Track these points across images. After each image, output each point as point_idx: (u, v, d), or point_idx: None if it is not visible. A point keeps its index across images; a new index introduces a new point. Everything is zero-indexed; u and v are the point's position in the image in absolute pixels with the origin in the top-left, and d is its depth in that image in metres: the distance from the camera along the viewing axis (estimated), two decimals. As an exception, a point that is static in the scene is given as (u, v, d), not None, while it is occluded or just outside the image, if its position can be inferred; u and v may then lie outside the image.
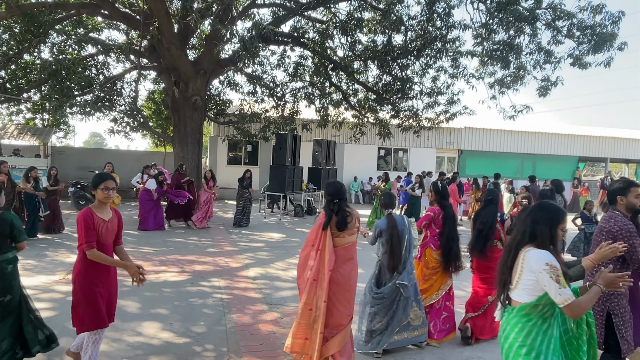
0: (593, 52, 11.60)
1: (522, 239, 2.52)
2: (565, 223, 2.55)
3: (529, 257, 2.42)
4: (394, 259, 4.19)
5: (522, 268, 2.45)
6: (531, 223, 2.51)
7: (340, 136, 20.13)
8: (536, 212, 2.56)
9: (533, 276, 2.38)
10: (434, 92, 14.29)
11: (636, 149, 25.64)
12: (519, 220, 2.66)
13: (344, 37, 13.47)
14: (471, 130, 22.89)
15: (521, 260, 2.47)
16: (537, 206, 2.64)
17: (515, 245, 2.54)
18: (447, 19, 12.54)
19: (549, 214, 2.53)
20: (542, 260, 2.35)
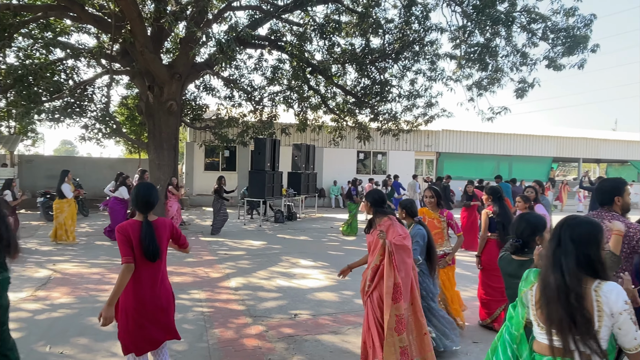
0: (567, 54, 11.79)
1: (578, 271, 1.94)
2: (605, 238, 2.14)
3: (607, 296, 1.89)
4: (432, 263, 4.12)
5: (601, 311, 1.90)
6: (576, 249, 1.97)
7: (320, 140, 19.99)
8: (575, 233, 2.01)
9: (610, 321, 1.89)
10: (413, 95, 14.28)
11: (607, 149, 26.38)
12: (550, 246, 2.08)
13: (322, 40, 13.34)
14: (449, 132, 23.10)
15: (594, 299, 1.91)
16: (569, 223, 2.07)
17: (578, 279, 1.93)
18: (424, 21, 12.56)
19: (597, 233, 2.01)
20: (621, 297, 1.88)
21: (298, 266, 8.22)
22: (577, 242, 1.99)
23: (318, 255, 9.22)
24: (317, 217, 16.55)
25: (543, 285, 2.03)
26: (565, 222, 2.09)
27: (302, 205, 16.90)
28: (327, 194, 20.79)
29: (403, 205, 4.31)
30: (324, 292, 6.52)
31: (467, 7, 11.85)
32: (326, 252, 9.68)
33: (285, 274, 7.59)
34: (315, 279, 7.34)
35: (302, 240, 11.21)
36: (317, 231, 12.87)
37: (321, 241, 11.19)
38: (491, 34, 11.97)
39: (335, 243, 10.97)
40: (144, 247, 2.99)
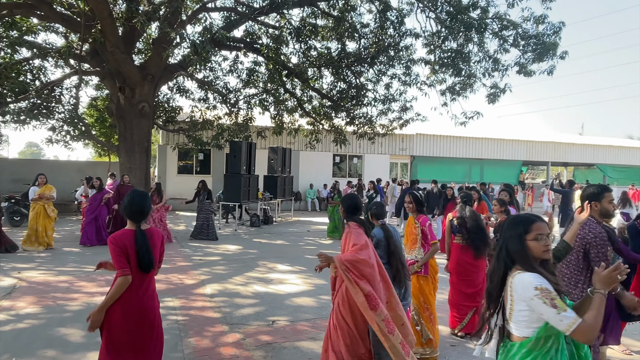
0: (537, 60, 12.11)
1: (505, 265, 2.19)
2: (535, 230, 2.17)
3: (516, 285, 2.10)
4: (399, 271, 3.82)
5: (512, 297, 2.12)
6: (501, 246, 2.24)
7: (296, 143, 19.93)
8: (505, 230, 2.28)
9: (525, 305, 2.05)
10: (388, 99, 14.43)
11: (574, 153, 27.28)
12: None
13: (298, 43, 13.33)
14: (423, 136, 23.43)
15: (509, 288, 2.14)
16: (505, 222, 2.35)
17: (499, 274, 2.20)
18: (399, 27, 12.71)
19: (511, 231, 2.22)
20: (530, 284, 2.03)
21: (275, 271, 8.13)
22: (505, 237, 2.25)
23: (295, 260, 9.15)
24: (293, 220, 16.47)
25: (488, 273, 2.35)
26: (506, 220, 2.37)
27: (278, 209, 16.79)
28: (304, 197, 20.73)
29: (369, 208, 4.20)
30: (302, 298, 6.45)
31: (441, 14, 12.05)
32: (303, 257, 9.62)
33: (262, 279, 7.49)
34: (293, 284, 7.27)
35: (278, 245, 11.11)
36: (293, 235, 12.80)
37: (298, 245, 11.12)
38: (464, 40, 12.20)
39: (312, 247, 10.92)
40: (139, 257, 2.89)
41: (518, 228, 2.19)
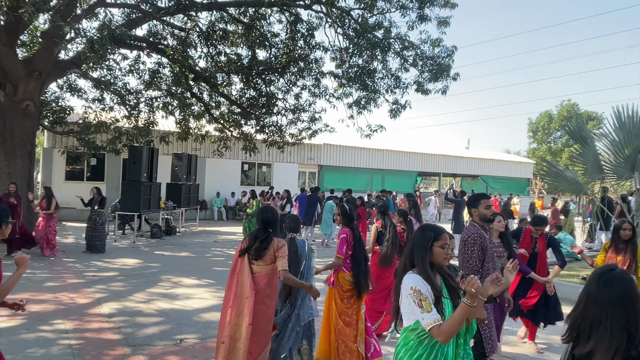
0: (433, 80, 13.13)
1: (405, 265, 2.54)
2: (443, 240, 2.44)
3: (404, 282, 2.44)
4: (287, 286, 3.89)
5: (401, 292, 2.45)
6: (409, 248, 2.55)
7: (202, 150, 19.25)
8: (414, 236, 2.60)
9: (405, 300, 2.39)
10: (298, 109, 14.60)
11: (462, 165, 30.01)
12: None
13: (207, 47, 12.93)
14: (330, 146, 24.10)
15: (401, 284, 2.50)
16: (419, 228, 2.68)
17: (401, 271, 2.54)
18: (309, 39, 12.97)
19: (422, 235, 2.53)
20: (409, 284, 2.37)
21: (181, 285, 7.72)
22: (415, 240, 2.53)
23: (202, 272, 8.79)
24: (198, 230, 15.83)
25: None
26: (421, 226, 2.70)
27: (182, 219, 16.03)
28: (210, 206, 20.05)
29: (283, 221, 4.28)
30: (211, 313, 6.20)
31: (348, 30, 12.54)
32: (211, 269, 9.28)
33: (166, 295, 7.06)
34: (201, 298, 6.96)
35: (183, 257, 10.59)
36: (199, 246, 12.29)
37: (205, 257, 10.70)
38: (369, 57, 12.81)
39: (220, 258, 10.58)
40: None
41: (429, 235, 2.47)
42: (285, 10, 12.57)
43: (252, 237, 3.73)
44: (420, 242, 2.47)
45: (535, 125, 52.30)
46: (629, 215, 8.96)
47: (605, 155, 8.46)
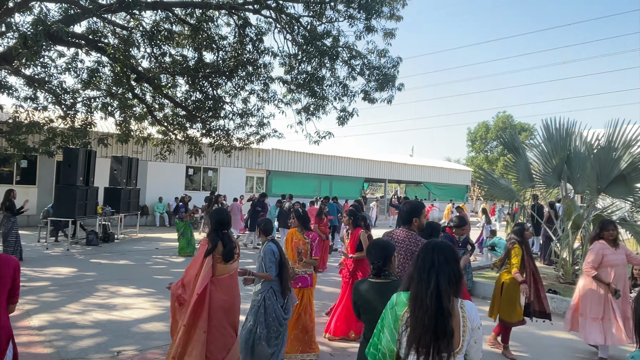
0: (379, 89, 13.48)
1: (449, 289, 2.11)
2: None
3: (470, 311, 2.14)
4: (283, 282, 4.21)
5: (466, 327, 2.11)
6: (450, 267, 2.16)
7: (144, 153, 18.53)
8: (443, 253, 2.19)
9: (470, 335, 2.11)
10: (246, 113, 14.43)
11: (406, 172, 30.99)
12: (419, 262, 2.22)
13: (151, 47, 12.48)
14: (278, 152, 24.04)
15: (461, 315, 2.12)
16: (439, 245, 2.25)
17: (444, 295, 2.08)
18: (258, 44, 12.89)
19: (453, 251, 2.24)
20: (477, 313, 2.16)
21: (119, 295, 7.36)
22: (449, 263, 2.15)
23: (142, 281, 8.43)
24: (139, 237, 15.19)
25: (416, 305, 2.10)
26: (435, 244, 2.24)
27: (121, 225, 15.32)
28: (151, 211, 19.31)
29: (258, 224, 4.47)
30: (151, 323, 5.97)
31: (298, 37, 12.61)
32: (152, 277, 8.93)
33: (103, 305, 6.71)
34: (141, 308, 6.68)
35: (122, 265, 10.12)
36: (139, 253, 11.79)
37: (145, 265, 10.28)
38: (318, 64, 12.95)
39: (162, 266, 10.21)
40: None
41: (456, 254, 2.29)
42: (234, 14, 12.43)
43: (213, 238, 3.93)
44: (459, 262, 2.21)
45: (473, 135, 55.09)
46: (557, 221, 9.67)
47: (536, 164, 9.08)
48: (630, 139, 7.87)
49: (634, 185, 7.96)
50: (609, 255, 5.29)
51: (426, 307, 2.05)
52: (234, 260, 4.04)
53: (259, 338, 4.12)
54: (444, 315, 2.03)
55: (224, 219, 4.03)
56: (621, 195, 8.14)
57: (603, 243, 5.37)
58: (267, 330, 4.14)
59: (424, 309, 2.05)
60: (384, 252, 2.84)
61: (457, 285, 2.13)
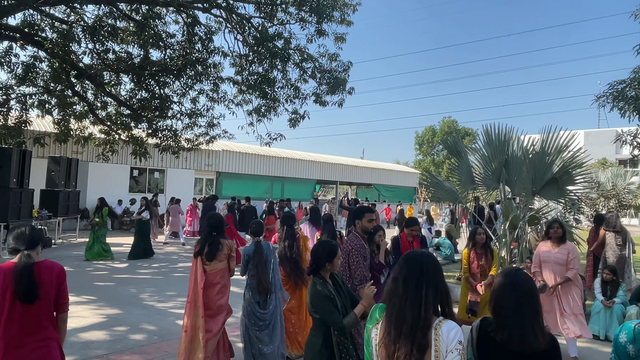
0: (330, 92, 13.62)
1: (434, 304, 1.97)
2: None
3: (447, 333, 1.92)
4: (261, 282, 4.55)
5: (438, 350, 1.91)
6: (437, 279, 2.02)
7: (85, 153, 17.64)
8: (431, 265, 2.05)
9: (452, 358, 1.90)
10: (195, 113, 14.09)
11: (357, 174, 31.47)
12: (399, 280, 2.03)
13: (93, 43, 11.91)
14: (228, 153, 23.66)
15: (433, 337, 1.92)
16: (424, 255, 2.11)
17: (427, 315, 1.93)
18: (207, 43, 12.63)
19: (437, 262, 2.09)
20: (457, 336, 1.91)
21: (56, 303, 6.96)
22: (436, 275, 2.02)
23: (82, 288, 8.02)
24: (79, 242, 14.42)
25: (396, 319, 1.95)
26: (420, 255, 2.10)
27: (59, 229, 14.48)
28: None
29: (249, 226, 4.96)
30: (91, 332, 5.70)
31: (248, 37, 12.50)
32: (92, 284, 8.53)
33: (38, 314, 6.32)
34: (80, 316, 6.36)
35: (60, 271, 9.56)
36: (79, 259, 11.21)
37: (85, 271, 9.78)
38: (269, 66, 12.89)
39: (103, 272, 9.77)
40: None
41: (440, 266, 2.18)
42: (182, 12, 12.13)
43: (202, 240, 4.46)
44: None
45: (421, 139, 56.93)
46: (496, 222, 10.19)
47: (477, 168, 9.52)
48: (561, 145, 8.42)
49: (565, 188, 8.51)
50: (542, 254, 5.65)
51: (405, 322, 1.92)
52: (217, 260, 4.40)
53: (255, 338, 4.50)
54: (424, 327, 1.90)
55: (212, 223, 4.49)
56: (554, 197, 8.69)
57: (544, 242, 5.72)
58: (253, 326, 4.52)
59: (402, 322, 1.92)
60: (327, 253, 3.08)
61: (439, 295, 1.99)
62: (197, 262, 4.39)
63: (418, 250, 2.22)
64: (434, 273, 2.00)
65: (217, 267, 4.41)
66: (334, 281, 3.07)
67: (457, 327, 1.93)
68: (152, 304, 7.45)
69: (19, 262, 2.74)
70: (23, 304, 2.69)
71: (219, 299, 4.42)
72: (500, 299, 2.14)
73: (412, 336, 1.88)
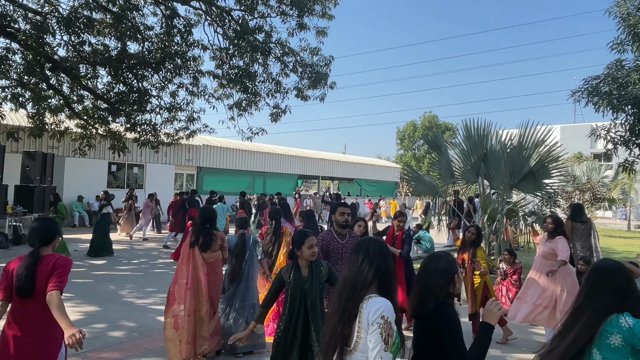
0: (312, 87, 13.58)
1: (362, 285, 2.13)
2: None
3: (369, 308, 2.07)
4: (234, 271, 5.15)
5: (361, 323, 2.07)
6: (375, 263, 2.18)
7: (60, 148, 17.24)
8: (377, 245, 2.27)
9: (373, 330, 2.02)
10: (174, 107, 13.88)
11: (339, 169, 31.57)
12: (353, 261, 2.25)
13: (68, 35, 11.60)
14: (209, 147, 23.42)
15: (360, 311, 2.09)
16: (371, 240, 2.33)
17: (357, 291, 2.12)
18: (187, 36, 12.44)
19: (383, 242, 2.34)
20: (379, 311, 2.04)
21: (31, 301, 6.80)
22: (379, 257, 2.20)
23: (59, 285, 7.85)
24: (55, 238, 14.08)
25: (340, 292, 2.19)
26: (368, 240, 2.31)
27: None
28: (70, 210, 18.00)
29: (234, 220, 5.60)
30: (68, 330, 5.58)
31: (228, 31, 12.35)
32: (70, 281, 8.32)
33: (12, 313, 6.17)
34: (57, 314, 6.22)
35: (35, 269, 9.34)
36: (56, 256, 10.95)
37: (62, 267, 9.57)
38: (250, 59, 12.77)
39: (81, 269, 9.59)
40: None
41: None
42: (161, 4, 11.91)
43: (196, 231, 4.79)
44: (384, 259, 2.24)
45: (402, 134, 57.34)
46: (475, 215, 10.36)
47: (457, 162, 9.65)
48: (538, 139, 8.60)
49: (542, 181, 8.71)
50: (540, 246, 5.84)
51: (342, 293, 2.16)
52: (213, 250, 4.80)
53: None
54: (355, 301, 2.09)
55: (206, 216, 4.90)
56: (531, 190, 8.89)
57: (543, 236, 5.94)
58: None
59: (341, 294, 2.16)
60: (300, 240, 3.29)
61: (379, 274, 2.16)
62: (195, 251, 4.72)
63: (369, 238, 2.45)
64: (377, 256, 2.20)
65: (212, 256, 4.83)
66: (310, 270, 3.26)
67: (386, 305, 2.07)
68: (131, 300, 7.35)
69: (24, 259, 2.92)
70: (23, 299, 2.86)
71: (212, 283, 4.82)
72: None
73: (343, 307, 2.10)
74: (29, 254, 2.94)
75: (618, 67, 9.23)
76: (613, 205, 24.02)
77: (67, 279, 2.97)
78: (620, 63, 9.27)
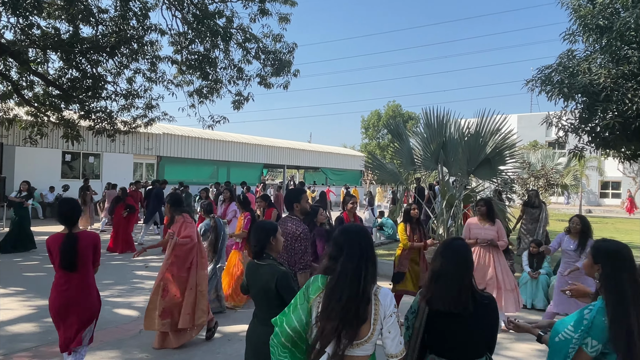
0: (275, 74, 13.41)
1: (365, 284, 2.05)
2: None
3: (384, 298, 2.07)
4: (214, 251, 6.01)
5: (377, 314, 2.04)
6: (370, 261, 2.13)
7: (10, 137, 16.35)
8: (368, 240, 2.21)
9: (381, 325, 2.05)
10: (131, 94, 13.38)
11: (305, 157, 31.53)
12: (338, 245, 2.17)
13: (15, 17, 10.94)
14: (170, 136, 22.83)
15: (373, 303, 2.04)
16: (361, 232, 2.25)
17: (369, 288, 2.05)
18: (143, 20, 11.98)
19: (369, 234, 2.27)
20: (393, 301, 2.09)
21: (-22, 297, 6.48)
22: (372, 250, 2.16)
23: (9, 280, 7.52)
24: (5, 232, 13.43)
25: (338, 293, 2.02)
26: (357, 232, 2.19)
27: (-17, 218, 13.41)
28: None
29: (202, 206, 6.66)
30: (19, 324, 5.38)
31: (188, 15, 11.99)
32: (21, 275, 8.01)
33: (-43, 309, 5.86)
34: (7, 309, 5.97)
35: (-17, 263, 8.89)
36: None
37: (13, 261, 9.16)
38: (210, 45, 12.45)
39: (33, 262, 9.20)
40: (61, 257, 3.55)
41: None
42: (115, -15, 11.40)
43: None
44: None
45: (367, 123, 57.84)
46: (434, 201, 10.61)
47: (417, 150, 9.83)
48: (494, 128, 8.87)
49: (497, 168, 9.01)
50: (474, 229, 5.99)
51: (345, 295, 2.00)
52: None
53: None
54: (364, 301, 2.00)
55: (180, 199, 5.50)
56: (487, 176, 9.17)
57: (473, 218, 6.09)
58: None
59: (343, 296, 1.99)
60: (261, 234, 2.89)
61: (375, 268, 2.13)
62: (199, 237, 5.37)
63: (355, 226, 2.30)
64: (371, 248, 2.14)
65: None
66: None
67: (390, 292, 2.11)
68: (87, 293, 7.12)
69: (64, 242, 3.54)
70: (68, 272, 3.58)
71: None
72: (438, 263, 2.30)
73: (344, 312, 1.95)
74: (67, 236, 3.56)
75: (569, 57, 9.61)
76: (565, 191, 25.22)
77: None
78: (572, 53, 9.65)
